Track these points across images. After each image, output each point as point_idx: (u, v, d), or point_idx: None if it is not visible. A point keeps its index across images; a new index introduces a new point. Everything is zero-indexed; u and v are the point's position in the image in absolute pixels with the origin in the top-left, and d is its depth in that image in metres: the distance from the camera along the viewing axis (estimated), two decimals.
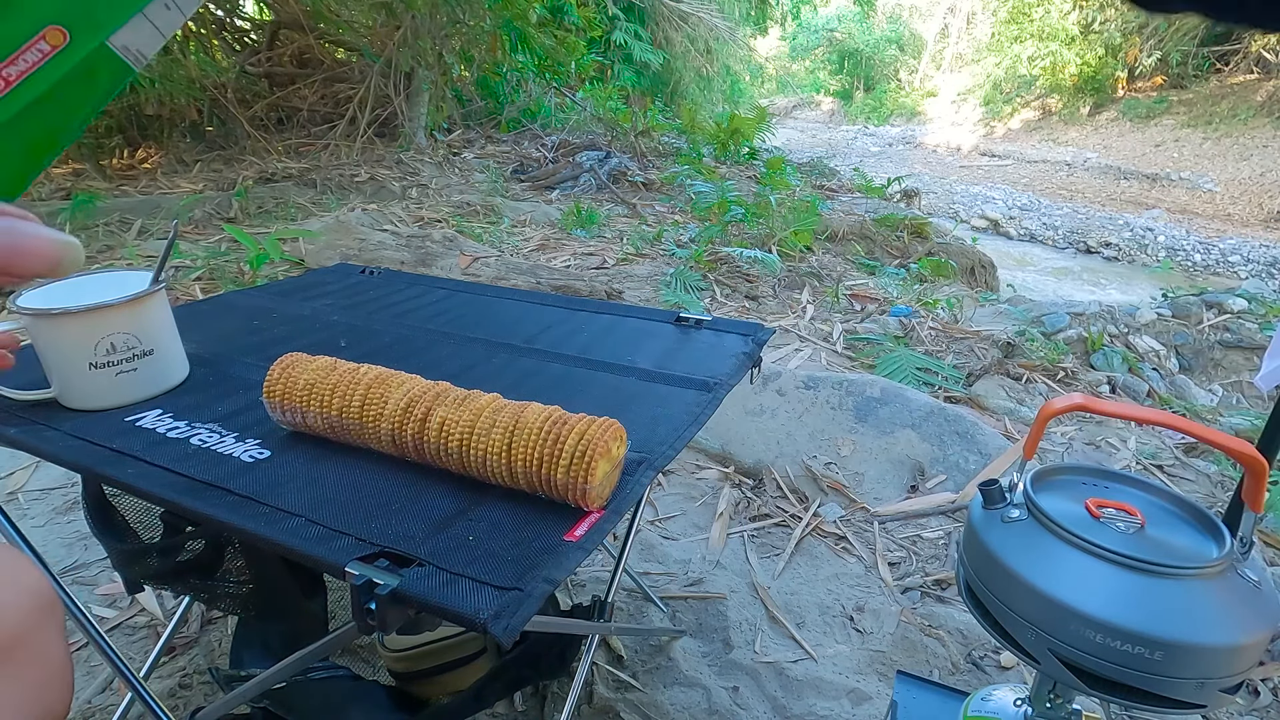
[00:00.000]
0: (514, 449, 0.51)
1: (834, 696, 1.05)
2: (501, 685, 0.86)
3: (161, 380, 0.70)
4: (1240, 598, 0.51)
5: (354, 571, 0.44)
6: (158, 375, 0.69)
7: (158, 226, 3.10)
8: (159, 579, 0.75)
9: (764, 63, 16.35)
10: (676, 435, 0.65)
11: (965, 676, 1.10)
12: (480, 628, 0.41)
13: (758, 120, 6.64)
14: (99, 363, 0.64)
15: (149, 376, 0.68)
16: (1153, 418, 0.60)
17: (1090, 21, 13.72)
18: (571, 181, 4.78)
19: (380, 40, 4.84)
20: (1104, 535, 0.55)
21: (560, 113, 6.49)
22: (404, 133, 4.94)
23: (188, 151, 4.49)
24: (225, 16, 5.07)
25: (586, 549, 0.49)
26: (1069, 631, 0.52)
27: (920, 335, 2.47)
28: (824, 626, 1.20)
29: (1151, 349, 2.77)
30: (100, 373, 0.65)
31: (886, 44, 20.31)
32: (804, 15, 15.84)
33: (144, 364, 0.67)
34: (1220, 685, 0.50)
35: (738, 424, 1.72)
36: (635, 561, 1.30)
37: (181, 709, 0.97)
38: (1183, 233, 8.91)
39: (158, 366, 0.69)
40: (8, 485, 1.43)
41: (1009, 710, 0.68)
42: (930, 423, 1.68)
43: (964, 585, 0.62)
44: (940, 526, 1.45)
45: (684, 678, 1.05)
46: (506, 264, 2.85)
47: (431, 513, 0.52)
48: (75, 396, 0.66)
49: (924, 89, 19.06)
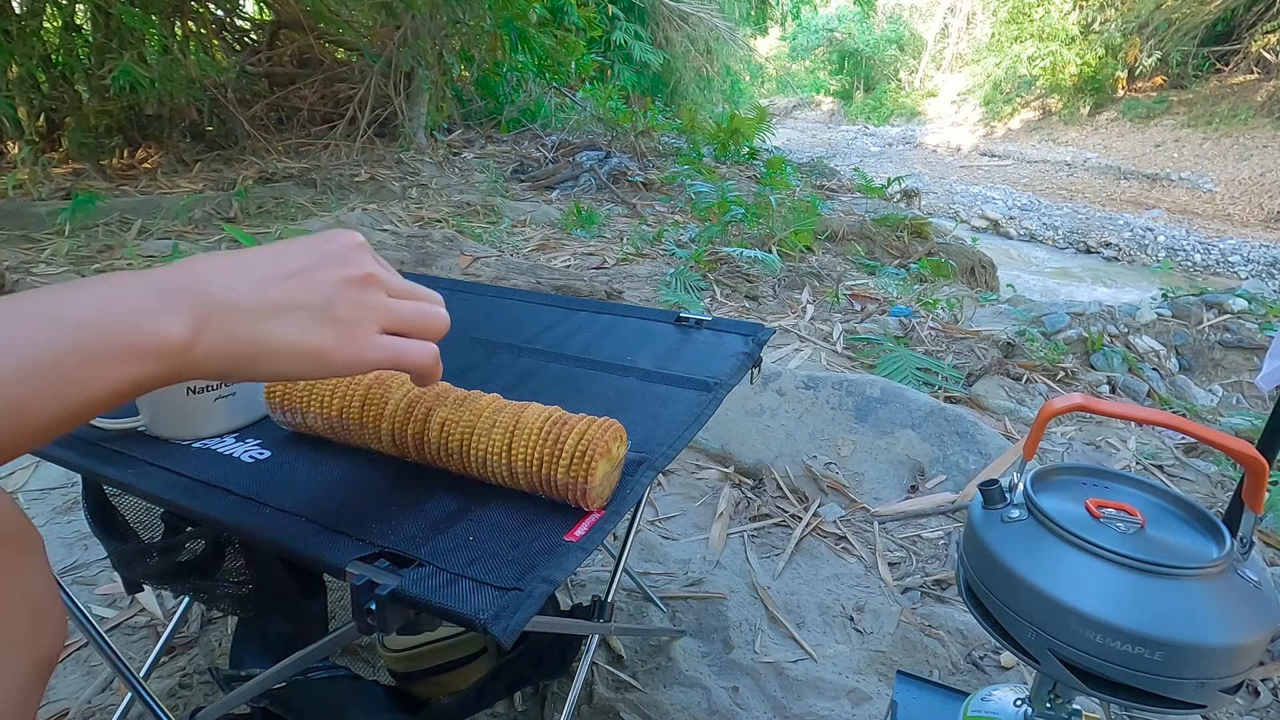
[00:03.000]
0: (514, 449, 0.51)
1: (834, 696, 1.05)
2: (501, 685, 0.86)
3: (252, 407, 0.64)
4: (1240, 598, 0.51)
5: (354, 572, 0.44)
6: (250, 400, 0.64)
7: (158, 226, 3.10)
8: (159, 579, 0.75)
9: (764, 63, 16.35)
10: (676, 435, 0.65)
11: (965, 676, 1.10)
12: (480, 628, 0.41)
13: (758, 120, 6.64)
14: (198, 387, 0.60)
15: (244, 401, 0.63)
16: (1153, 418, 0.60)
17: (1090, 21, 13.72)
18: (571, 181, 4.78)
19: (380, 40, 4.84)
20: (1104, 535, 0.55)
21: (560, 113, 6.49)
22: (404, 133, 4.95)
23: (188, 151, 4.49)
24: (225, 16, 5.08)
25: (586, 549, 0.49)
26: (1069, 631, 0.52)
27: (920, 335, 2.47)
28: (824, 626, 1.20)
29: (1151, 349, 2.77)
30: (197, 398, 0.60)
31: (886, 44, 20.31)
32: (804, 15, 15.84)
33: (242, 388, 0.62)
34: (1220, 685, 0.50)
35: (738, 424, 1.72)
36: (635, 561, 1.30)
37: (181, 709, 0.97)
38: (1183, 233, 8.92)
39: (250, 390, 0.63)
40: (8, 484, 1.43)
41: (1009, 710, 0.68)
42: (930, 423, 1.68)
43: (964, 585, 0.62)
44: (940, 526, 1.45)
45: (684, 678, 1.05)
46: (506, 264, 2.85)
47: (432, 513, 0.52)
48: (166, 425, 0.61)
49: (924, 89, 19.06)
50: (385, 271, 0.44)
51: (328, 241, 0.42)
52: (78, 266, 2.51)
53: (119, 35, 4.08)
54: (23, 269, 2.40)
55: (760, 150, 6.57)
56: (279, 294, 0.38)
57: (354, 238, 0.43)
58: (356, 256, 0.42)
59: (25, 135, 4.10)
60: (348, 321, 0.40)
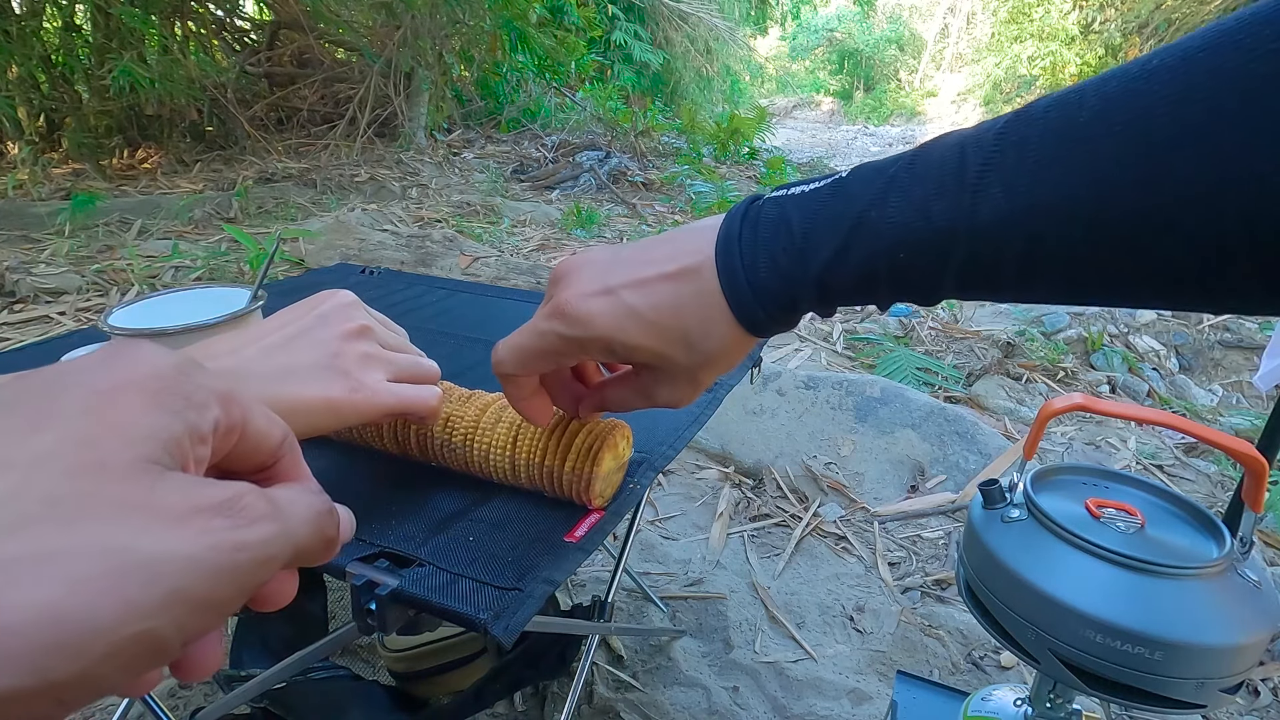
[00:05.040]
0: (519, 442, 0.51)
1: (834, 696, 1.05)
2: (501, 685, 0.86)
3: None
4: (1240, 598, 0.51)
5: (354, 572, 0.44)
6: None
7: (158, 226, 3.10)
8: None
9: (764, 63, 16.34)
10: (676, 435, 0.65)
11: (965, 676, 1.10)
12: (480, 628, 0.41)
13: (758, 120, 6.64)
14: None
15: None
16: (1153, 418, 0.60)
17: (1090, 21, 13.72)
18: (571, 181, 4.78)
19: (380, 40, 4.83)
20: (1104, 535, 0.55)
21: (560, 113, 6.49)
22: (404, 133, 4.95)
23: (188, 151, 4.49)
24: (225, 16, 5.07)
25: (587, 549, 0.49)
26: (1069, 631, 0.52)
27: (920, 335, 2.47)
28: (824, 626, 1.20)
29: (1151, 349, 2.77)
30: None
31: (886, 44, 20.30)
32: (804, 15, 15.83)
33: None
34: (1220, 685, 0.50)
35: (738, 424, 1.72)
36: (635, 561, 1.30)
37: (181, 709, 0.97)
38: None
39: None
40: None
41: (1009, 710, 0.67)
42: (930, 423, 1.68)
43: (964, 585, 0.62)
44: (940, 526, 1.45)
45: (684, 678, 1.05)
46: (506, 264, 2.85)
47: (432, 513, 0.52)
48: None
49: (924, 89, 19.05)
50: (378, 325, 0.48)
51: (321, 303, 0.47)
52: (77, 267, 2.51)
53: (119, 35, 4.08)
54: (23, 269, 2.40)
55: (760, 150, 6.57)
56: (286, 357, 0.42)
57: (346, 296, 0.48)
58: (351, 313, 0.47)
59: (25, 135, 4.10)
60: (354, 372, 0.44)
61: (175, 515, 0.18)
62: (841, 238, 0.32)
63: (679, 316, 0.36)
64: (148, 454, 0.19)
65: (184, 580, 0.17)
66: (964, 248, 0.29)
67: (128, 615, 0.16)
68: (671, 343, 0.36)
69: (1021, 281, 0.29)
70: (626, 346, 0.37)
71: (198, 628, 0.18)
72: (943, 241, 0.29)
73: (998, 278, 0.30)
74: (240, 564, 0.19)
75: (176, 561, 0.17)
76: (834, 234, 0.32)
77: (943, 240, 0.29)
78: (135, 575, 0.17)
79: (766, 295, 0.34)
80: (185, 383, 0.21)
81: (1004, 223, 0.28)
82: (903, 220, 0.30)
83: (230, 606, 0.19)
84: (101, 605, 0.16)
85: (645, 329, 0.36)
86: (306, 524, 0.22)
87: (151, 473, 0.18)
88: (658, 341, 0.36)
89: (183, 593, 0.17)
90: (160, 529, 0.18)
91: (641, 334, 0.36)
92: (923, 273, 0.31)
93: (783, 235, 0.34)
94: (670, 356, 0.37)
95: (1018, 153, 0.28)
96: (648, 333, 0.36)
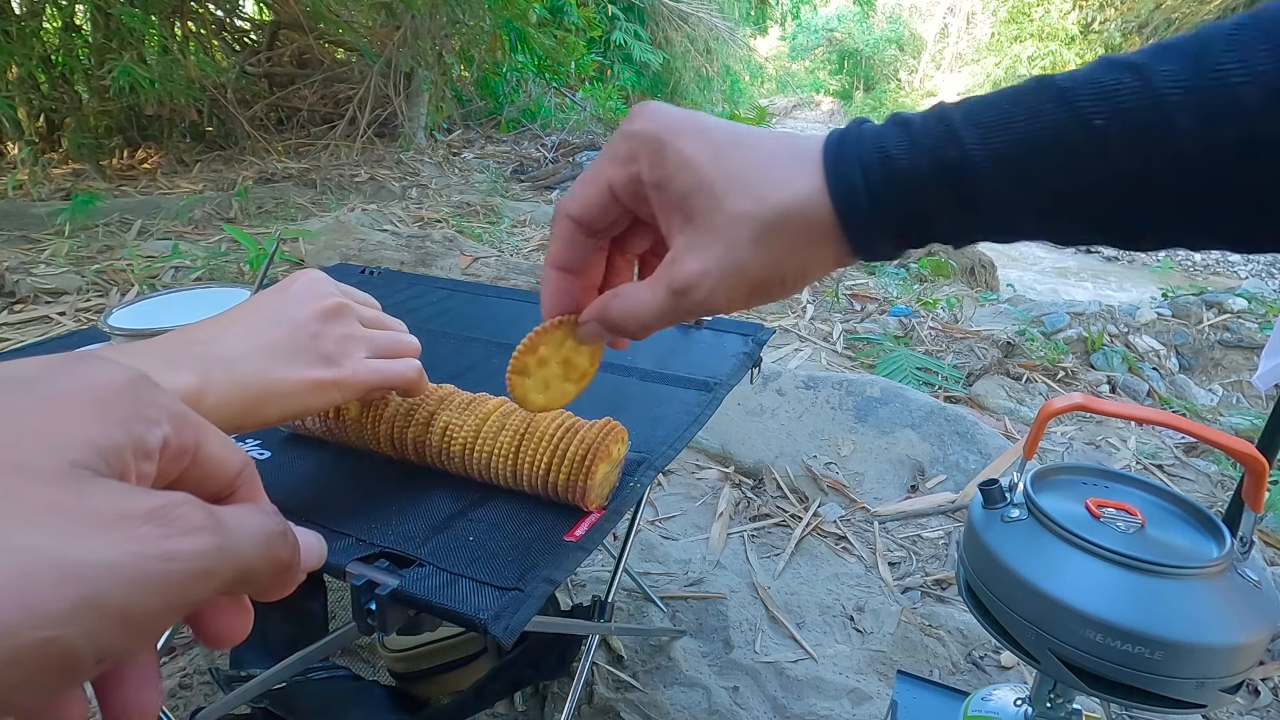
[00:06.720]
0: (522, 453, 0.51)
1: (834, 696, 1.05)
2: (502, 685, 0.86)
3: None
4: (1240, 598, 0.51)
5: (354, 572, 0.44)
6: None
7: (158, 227, 3.10)
8: None
9: (764, 63, 16.35)
10: (676, 435, 0.65)
11: (965, 676, 1.10)
12: (480, 628, 0.41)
13: (757, 120, 6.64)
14: None
15: None
16: (1153, 417, 0.60)
17: (1090, 21, 13.72)
18: (571, 181, 4.78)
19: (380, 40, 4.83)
20: (1104, 535, 0.55)
21: (560, 113, 6.49)
22: (404, 133, 4.95)
23: (188, 151, 4.49)
24: (225, 16, 5.07)
25: (587, 549, 0.49)
26: (1069, 631, 0.52)
27: (920, 335, 2.47)
28: (824, 626, 1.20)
29: (1151, 349, 2.77)
30: None
31: (886, 44, 20.32)
32: (804, 15, 15.83)
33: None
34: (1220, 685, 0.50)
35: (738, 424, 1.72)
36: (635, 561, 1.30)
37: (181, 709, 0.97)
38: None
39: None
40: None
41: (1009, 710, 0.68)
42: (930, 423, 1.68)
43: (964, 585, 0.62)
44: (940, 526, 1.45)
45: (684, 678, 1.05)
46: (506, 264, 2.85)
47: (432, 513, 0.52)
48: None
49: (924, 89, 19.06)
50: (352, 301, 0.49)
51: (291, 283, 0.47)
52: (77, 267, 2.51)
53: (119, 35, 4.08)
54: (23, 269, 2.40)
55: None
56: (266, 340, 0.43)
57: (314, 274, 0.48)
58: (322, 288, 0.47)
59: (25, 136, 4.09)
60: (334, 352, 0.45)
61: (101, 520, 0.17)
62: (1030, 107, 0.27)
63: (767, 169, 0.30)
64: (81, 459, 0.18)
65: (100, 587, 0.16)
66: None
67: (30, 620, 0.15)
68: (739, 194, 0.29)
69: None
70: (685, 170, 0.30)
71: (115, 644, 0.16)
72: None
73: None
74: (170, 575, 0.17)
75: (95, 567, 0.16)
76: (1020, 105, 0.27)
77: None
78: (44, 576, 0.15)
79: (895, 181, 0.28)
80: (135, 397, 0.20)
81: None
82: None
83: (156, 624, 0.17)
84: (0, 606, 0.15)
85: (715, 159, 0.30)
86: (254, 544, 0.20)
87: (81, 478, 0.17)
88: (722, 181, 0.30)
89: (97, 601, 0.16)
90: (83, 533, 0.16)
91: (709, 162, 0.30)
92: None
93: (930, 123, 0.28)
94: (727, 200, 0.30)
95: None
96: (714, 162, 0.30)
